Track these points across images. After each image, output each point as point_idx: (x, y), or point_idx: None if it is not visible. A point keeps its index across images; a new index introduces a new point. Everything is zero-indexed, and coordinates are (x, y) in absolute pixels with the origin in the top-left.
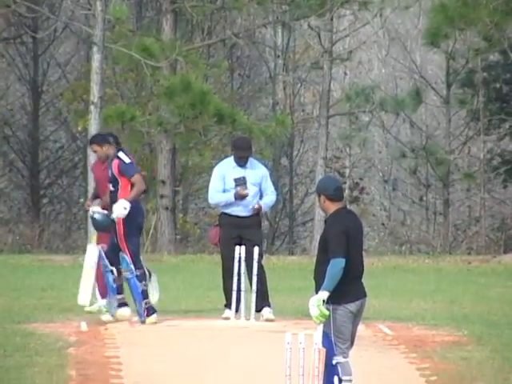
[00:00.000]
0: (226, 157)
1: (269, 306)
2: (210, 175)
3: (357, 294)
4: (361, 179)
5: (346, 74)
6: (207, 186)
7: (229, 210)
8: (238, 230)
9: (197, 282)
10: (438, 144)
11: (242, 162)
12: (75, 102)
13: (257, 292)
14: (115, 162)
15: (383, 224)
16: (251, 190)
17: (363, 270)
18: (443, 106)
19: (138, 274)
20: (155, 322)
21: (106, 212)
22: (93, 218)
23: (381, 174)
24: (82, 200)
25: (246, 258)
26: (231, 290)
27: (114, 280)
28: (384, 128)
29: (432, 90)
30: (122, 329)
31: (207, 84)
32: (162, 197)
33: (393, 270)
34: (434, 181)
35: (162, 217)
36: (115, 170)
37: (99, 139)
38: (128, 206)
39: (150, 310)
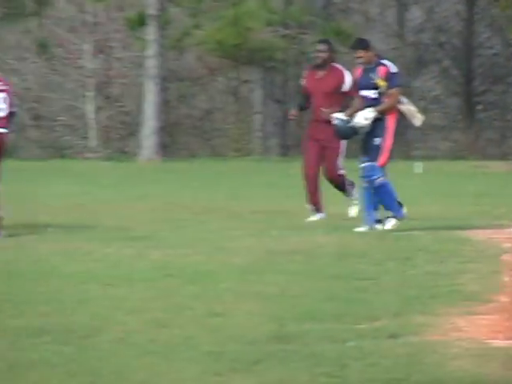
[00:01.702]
0: None
1: None
2: None
3: None
4: None
5: None
6: None
7: None
8: None
9: None
10: None
11: None
12: (510, 9)
13: None
14: (382, 69)
15: None
16: None
17: None
18: None
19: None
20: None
21: (346, 118)
22: (334, 125)
23: None
24: None
25: None
26: None
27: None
28: None
29: None
30: None
31: None
32: None
33: None
34: None
35: None
36: (382, 77)
37: (365, 44)
38: (370, 117)
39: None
